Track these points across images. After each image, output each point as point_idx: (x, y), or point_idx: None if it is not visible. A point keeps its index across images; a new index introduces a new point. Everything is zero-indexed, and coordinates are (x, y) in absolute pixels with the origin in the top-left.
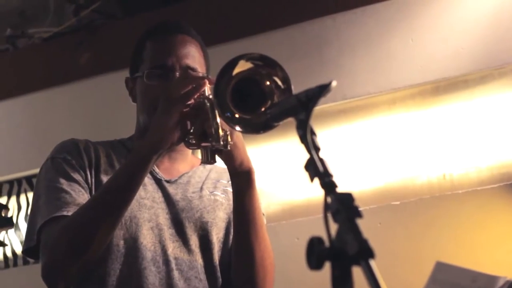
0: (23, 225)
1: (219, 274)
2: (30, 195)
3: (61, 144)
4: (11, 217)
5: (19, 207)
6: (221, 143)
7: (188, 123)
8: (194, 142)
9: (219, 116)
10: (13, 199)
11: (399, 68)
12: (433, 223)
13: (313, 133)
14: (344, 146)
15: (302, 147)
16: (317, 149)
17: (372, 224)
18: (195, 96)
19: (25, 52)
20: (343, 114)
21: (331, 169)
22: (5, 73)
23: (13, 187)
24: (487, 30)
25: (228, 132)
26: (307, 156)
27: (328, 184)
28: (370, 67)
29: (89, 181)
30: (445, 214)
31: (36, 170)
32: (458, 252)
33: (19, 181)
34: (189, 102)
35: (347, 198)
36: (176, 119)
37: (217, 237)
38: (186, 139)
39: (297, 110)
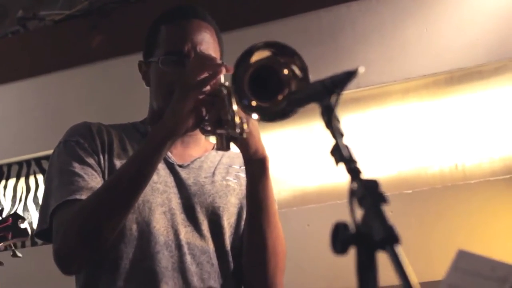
0: (31, 207)
1: (231, 259)
2: (39, 176)
3: (73, 127)
4: (26, 229)
5: (28, 189)
6: (237, 130)
7: (204, 109)
8: (209, 128)
9: (236, 103)
10: (22, 180)
11: (413, 57)
12: (444, 213)
13: (337, 119)
14: (357, 135)
15: (327, 133)
16: (341, 135)
17: None
18: (211, 83)
19: (36, 34)
20: (356, 102)
21: (356, 155)
22: (16, 55)
23: (22, 169)
24: (502, 21)
25: (244, 120)
26: (333, 141)
27: (353, 169)
28: (384, 56)
29: (102, 165)
30: (457, 204)
31: (46, 152)
32: (469, 242)
33: (28, 162)
34: (205, 89)
35: (373, 184)
36: (191, 106)
37: (228, 222)
38: (201, 126)
39: (322, 95)
